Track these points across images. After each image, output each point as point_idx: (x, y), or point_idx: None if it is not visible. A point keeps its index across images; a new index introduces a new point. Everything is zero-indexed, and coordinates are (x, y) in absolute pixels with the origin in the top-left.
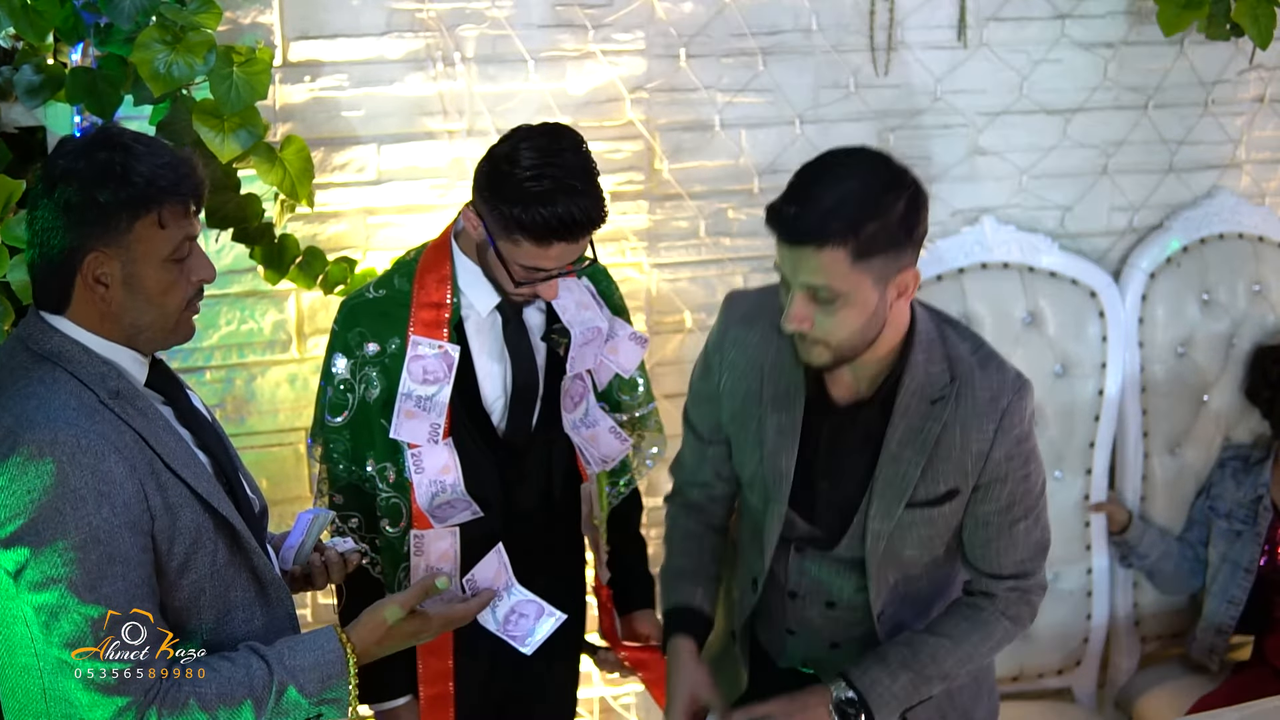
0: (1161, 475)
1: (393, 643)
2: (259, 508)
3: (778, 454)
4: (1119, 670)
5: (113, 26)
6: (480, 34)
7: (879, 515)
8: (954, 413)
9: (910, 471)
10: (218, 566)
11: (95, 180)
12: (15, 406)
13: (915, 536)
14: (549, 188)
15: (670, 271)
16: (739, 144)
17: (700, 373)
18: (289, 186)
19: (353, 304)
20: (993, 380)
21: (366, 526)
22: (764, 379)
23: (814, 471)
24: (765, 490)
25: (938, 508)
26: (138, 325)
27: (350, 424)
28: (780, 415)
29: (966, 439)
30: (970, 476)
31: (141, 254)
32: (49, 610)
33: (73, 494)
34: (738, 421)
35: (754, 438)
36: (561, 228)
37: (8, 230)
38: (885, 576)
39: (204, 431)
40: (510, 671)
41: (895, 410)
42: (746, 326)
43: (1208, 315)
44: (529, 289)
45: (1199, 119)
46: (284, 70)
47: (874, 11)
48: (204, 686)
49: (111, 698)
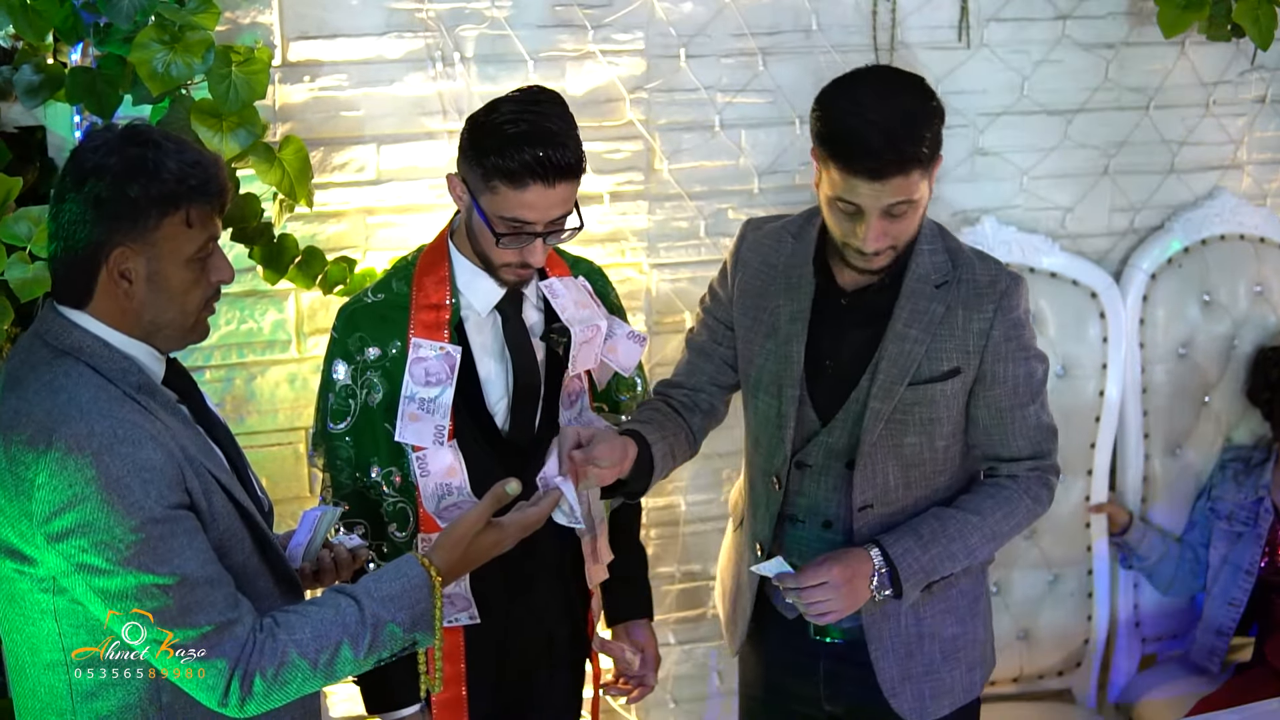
0: (1162, 476)
1: (474, 558)
2: (267, 506)
3: (789, 340)
4: (1119, 671)
5: (112, 26)
6: (480, 34)
7: (880, 394)
8: (956, 295)
9: (915, 349)
10: (246, 556)
11: (126, 175)
12: (44, 401)
13: (915, 419)
14: (525, 130)
15: (670, 272)
16: (739, 144)
17: (717, 278)
18: (288, 186)
19: (351, 309)
20: (990, 268)
21: (373, 533)
22: (777, 275)
23: (821, 354)
24: (776, 379)
25: (939, 384)
26: (158, 322)
27: (353, 430)
28: (791, 304)
29: (968, 318)
30: (972, 356)
31: (167, 251)
32: (124, 595)
33: (117, 483)
34: (750, 314)
35: (765, 328)
36: (537, 165)
37: (6, 228)
38: (878, 467)
39: (216, 430)
40: (517, 675)
41: (902, 293)
42: (760, 232)
43: (1209, 316)
44: (515, 255)
45: (1200, 120)
46: (283, 70)
47: (875, 12)
48: (299, 633)
49: (212, 662)
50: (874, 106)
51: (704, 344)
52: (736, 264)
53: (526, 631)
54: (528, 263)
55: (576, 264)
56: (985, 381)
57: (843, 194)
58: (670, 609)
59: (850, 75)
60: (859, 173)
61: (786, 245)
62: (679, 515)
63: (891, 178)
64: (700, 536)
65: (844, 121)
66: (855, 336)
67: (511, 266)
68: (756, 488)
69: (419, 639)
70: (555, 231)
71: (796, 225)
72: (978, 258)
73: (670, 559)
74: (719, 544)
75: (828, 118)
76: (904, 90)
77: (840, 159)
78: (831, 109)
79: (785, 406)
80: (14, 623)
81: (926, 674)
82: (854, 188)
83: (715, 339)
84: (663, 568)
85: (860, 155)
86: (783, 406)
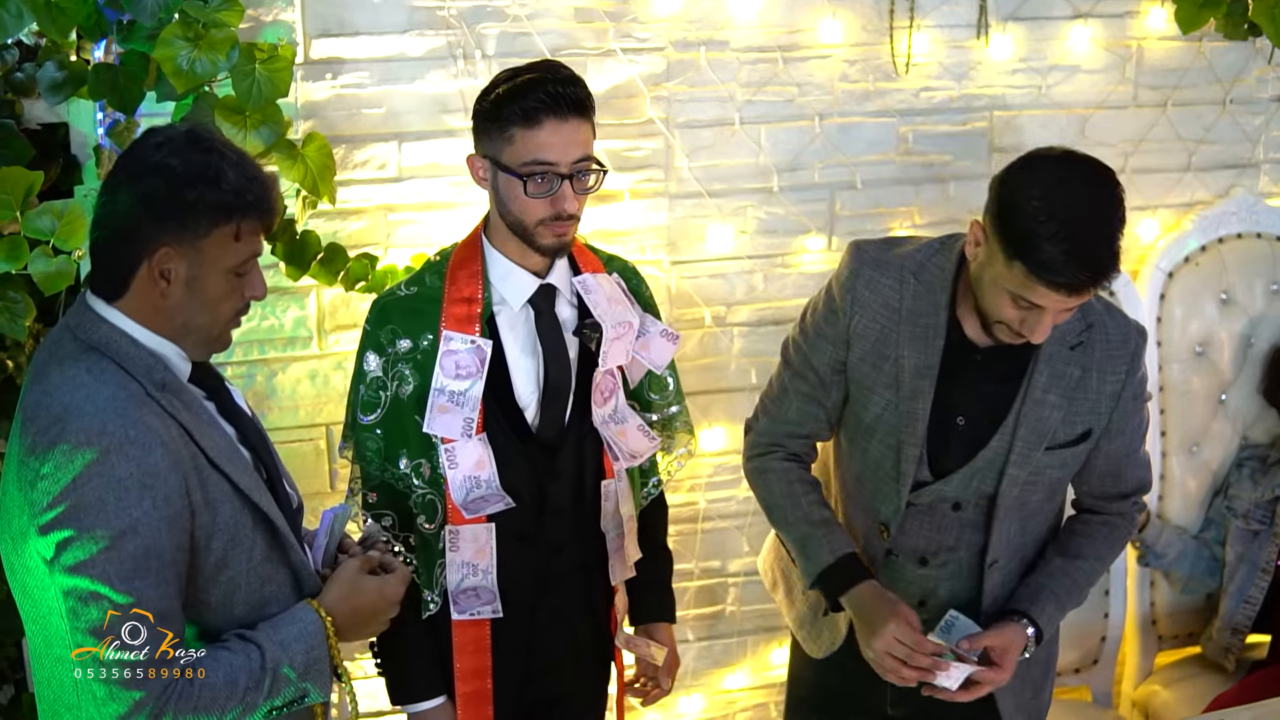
0: (1179, 475)
1: (363, 599)
2: (296, 503)
3: (915, 395)
4: (1135, 669)
5: (135, 23)
6: (501, 31)
7: (1019, 460)
8: (1091, 357)
9: (1053, 415)
10: (254, 563)
11: (187, 179)
12: (64, 395)
13: (1046, 480)
14: (535, 78)
15: (690, 269)
16: (759, 142)
17: (823, 315)
18: (311, 183)
19: (384, 302)
20: (1120, 323)
21: (401, 525)
22: (900, 320)
23: (951, 409)
24: (895, 432)
25: (1072, 449)
26: (188, 326)
27: (383, 422)
28: (917, 356)
29: (1102, 380)
30: (1103, 417)
31: (210, 259)
32: (79, 596)
33: (117, 483)
34: (869, 361)
35: (886, 378)
36: (548, 99)
37: (29, 223)
38: (1007, 525)
39: (245, 427)
40: (543, 671)
41: (1040, 356)
42: (879, 269)
43: (1226, 315)
44: (546, 206)
45: (1217, 119)
46: (305, 67)
47: (894, 10)
48: (212, 677)
49: (129, 692)
50: (1075, 221)
51: (813, 390)
52: (853, 304)
53: (553, 628)
54: (561, 213)
55: (610, 261)
56: (1109, 435)
57: (1021, 292)
58: (689, 605)
59: (1038, 166)
60: (1051, 286)
61: (909, 286)
62: (698, 512)
63: (1085, 293)
64: (719, 533)
65: (1041, 236)
66: (988, 392)
67: (546, 223)
68: (855, 524)
69: (309, 689)
70: (580, 174)
71: (916, 262)
72: (1105, 311)
73: (689, 556)
74: (737, 540)
75: (1019, 217)
76: (1103, 196)
77: (1033, 268)
78: (1024, 209)
79: (905, 464)
80: (29, 613)
81: (1034, 696)
82: (1038, 293)
83: (824, 383)
84: (682, 564)
85: (1058, 272)
86: (902, 463)
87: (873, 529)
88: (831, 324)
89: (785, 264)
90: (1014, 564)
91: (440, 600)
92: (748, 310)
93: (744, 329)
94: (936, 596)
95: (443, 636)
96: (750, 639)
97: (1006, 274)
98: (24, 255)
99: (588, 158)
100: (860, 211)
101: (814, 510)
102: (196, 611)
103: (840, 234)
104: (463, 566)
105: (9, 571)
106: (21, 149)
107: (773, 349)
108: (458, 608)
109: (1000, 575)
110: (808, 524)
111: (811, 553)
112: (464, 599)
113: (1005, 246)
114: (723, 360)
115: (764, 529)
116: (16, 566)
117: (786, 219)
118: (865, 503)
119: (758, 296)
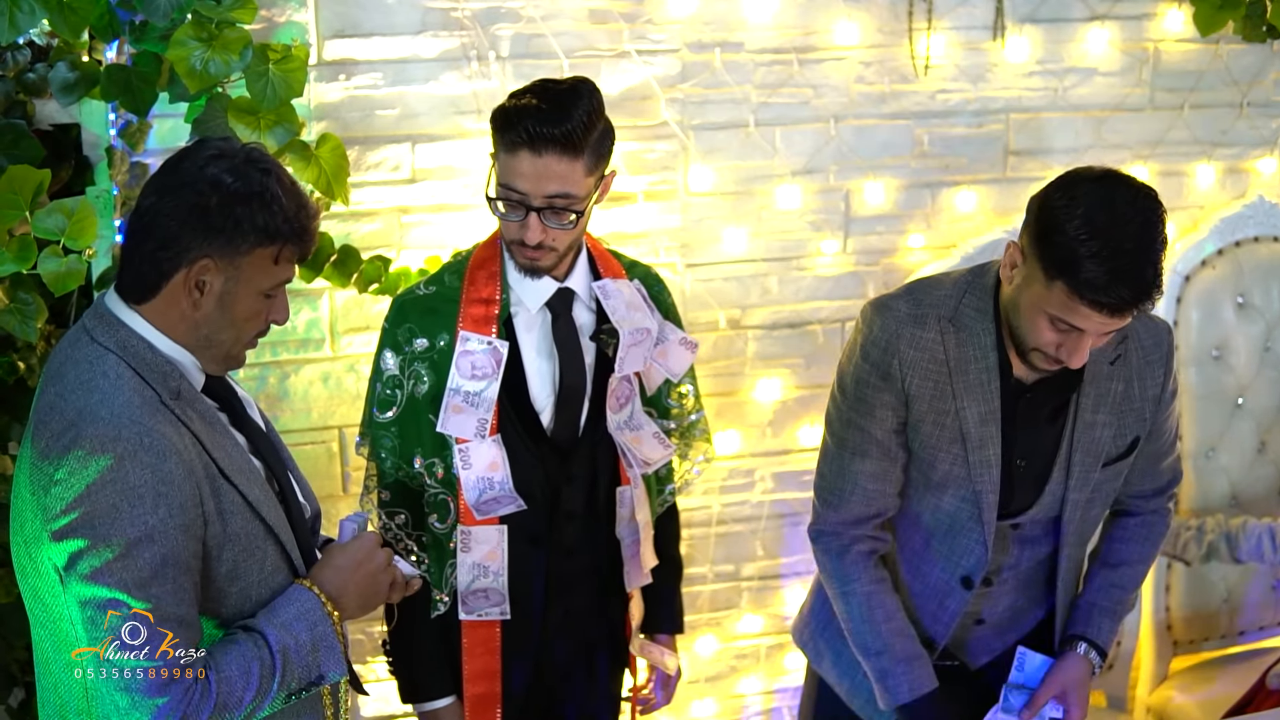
0: (1196, 479)
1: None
2: (310, 512)
3: (984, 444)
4: (1150, 673)
5: (148, 24)
6: (515, 33)
7: (1078, 484)
8: (1131, 368)
9: (1104, 434)
10: (266, 574)
11: (242, 196)
12: (78, 399)
13: (1104, 493)
14: (527, 106)
15: (704, 271)
16: (773, 144)
17: (873, 384)
18: (325, 184)
19: (403, 300)
20: (1151, 328)
21: (414, 523)
22: (950, 372)
23: (1011, 452)
24: (969, 483)
25: (1125, 459)
26: (210, 340)
27: (398, 420)
28: (978, 405)
29: (1144, 388)
30: (1148, 422)
31: (246, 278)
32: (97, 605)
33: (131, 491)
34: (929, 420)
35: (950, 433)
36: (524, 131)
37: (39, 222)
38: (1074, 544)
39: (257, 437)
40: (556, 675)
41: (1084, 379)
42: (917, 325)
43: (1243, 318)
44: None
45: (1234, 121)
46: (319, 68)
47: (911, 12)
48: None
49: (153, 699)
50: (1118, 240)
51: (878, 462)
52: (902, 366)
53: (563, 632)
54: (526, 242)
55: (633, 267)
56: (1151, 437)
57: (1062, 314)
58: (702, 609)
59: (1079, 186)
60: (1094, 306)
61: (950, 336)
62: (712, 516)
63: (1127, 314)
64: (733, 537)
65: (1083, 257)
66: (1044, 430)
67: (516, 244)
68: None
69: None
70: (550, 210)
71: (950, 308)
72: (1135, 317)
73: (703, 559)
74: (751, 544)
75: (1061, 236)
76: (1144, 216)
77: (1075, 287)
78: (1065, 230)
79: (986, 513)
80: (39, 617)
81: None
82: (1080, 314)
83: (890, 451)
84: (695, 568)
85: (1102, 291)
86: (984, 513)
87: (951, 583)
88: (885, 389)
89: (800, 267)
90: (1072, 578)
91: (450, 600)
92: (762, 313)
93: (758, 332)
94: (996, 613)
95: (453, 637)
96: (764, 643)
97: (1046, 294)
98: (32, 254)
99: (563, 194)
100: (875, 214)
101: (896, 643)
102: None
103: (855, 236)
104: (474, 568)
105: (20, 575)
106: (33, 149)
107: (787, 352)
108: (466, 608)
109: (1064, 587)
110: (890, 658)
111: (892, 687)
112: (473, 600)
113: (1046, 267)
114: (737, 363)
115: (778, 533)
116: (28, 570)
117: (801, 221)
118: (941, 558)
119: (772, 299)
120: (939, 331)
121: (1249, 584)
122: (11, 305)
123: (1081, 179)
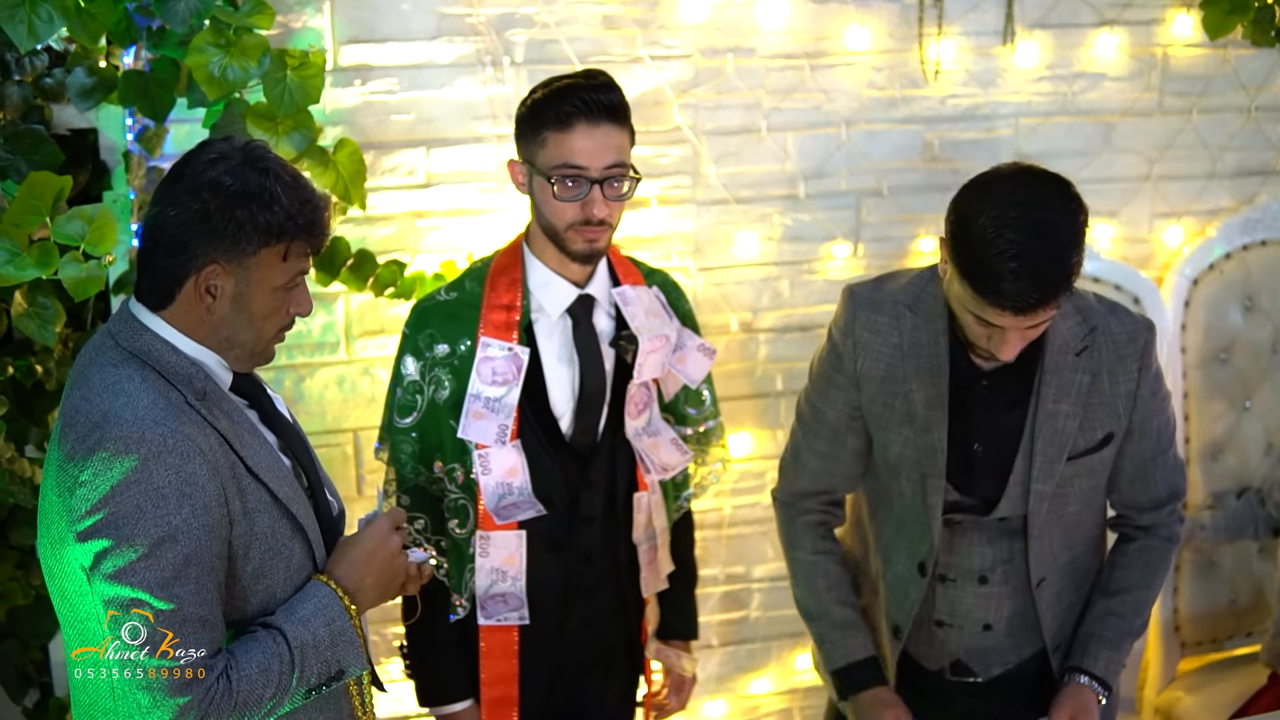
0: (1203, 481)
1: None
2: (337, 510)
3: (929, 427)
4: (1159, 674)
5: (165, 29)
6: (529, 38)
7: (1042, 475)
8: (1099, 359)
9: (1068, 425)
10: (291, 572)
11: (241, 198)
12: (103, 403)
13: (1077, 489)
14: (571, 83)
15: (716, 275)
16: (785, 148)
17: (831, 363)
18: (342, 189)
19: (424, 306)
20: (1125, 321)
21: (433, 528)
22: (904, 356)
23: (968, 439)
24: (918, 466)
25: (1096, 454)
26: (232, 340)
27: (418, 425)
28: (927, 389)
29: (1115, 382)
30: (1123, 418)
31: (257, 278)
32: (120, 604)
33: (155, 491)
34: (880, 401)
35: (900, 414)
36: (580, 104)
37: (59, 228)
38: (1047, 541)
39: (287, 434)
40: (571, 679)
41: (1044, 369)
42: (874, 309)
43: (1250, 322)
44: (576, 210)
45: (1242, 126)
46: (334, 74)
47: (922, 18)
48: (247, 669)
49: (174, 699)
50: (1022, 240)
51: (827, 443)
52: (855, 347)
53: (581, 637)
54: (590, 218)
55: (651, 274)
56: (1132, 437)
57: (979, 313)
58: (713, 611)
59: (991, 185)
60: (998, 307)
61: (906, 320)
62: (723, 518)
63: (1037, 313)
64: (743, 539)
65: (988, 257)
66: (1002, 417)
67: (576, 227)
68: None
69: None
70: (611, 180)
71: (910, 295)
72: (1109, 312)
73: (714, 561)
74: (762, 546)
75: (968, 240)
76: (1054, 214)
77: (980, 290)
78: (972, 231)
79: (931, 497)
80: (66, 617)
81: None
82: (992, 314)
83: (838, 432)
84: (706, 570)
85: (1007, 297)
86: (928, 496)
87: (911, 569)
88: (838, 370)
89: (811, 270)
90: (1066, 582)
91: (469, 605)
92: (774, 316)
93: (770, 335)
94: (1002, 617)
95: (471, 640)
96: (774, 644)
97: (964, 294)
98: (54, 260)
99: (620, 164)
100: (886, 218)
101: (834, 609)
102: (234, 621)
103: (866, 240)
104: (492, 572)
105: (48, 576)
106: (51, 154)
107: (799, 355)
108: (485, 613)
109: (1052, 593)
110: (827, 623)
111: (828, 653)
112: (492, 605)
113: (959, 267)
114: (749, 366)
115: None
116: (55, 571)
117: (813, 226)
118: (906, 545)
119: (784, 303)
120: (894, 317)
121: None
122: (30, 309)
123: (994, 178)
